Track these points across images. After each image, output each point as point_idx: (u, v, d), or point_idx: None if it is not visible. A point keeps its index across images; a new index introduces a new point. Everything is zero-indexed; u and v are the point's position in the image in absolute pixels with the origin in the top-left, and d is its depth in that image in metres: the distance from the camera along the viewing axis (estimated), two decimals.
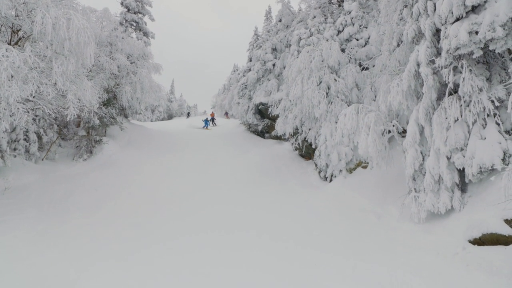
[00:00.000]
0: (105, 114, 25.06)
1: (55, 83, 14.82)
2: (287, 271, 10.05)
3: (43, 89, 14.41)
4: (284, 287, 9.10)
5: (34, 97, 15.09)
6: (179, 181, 20.44)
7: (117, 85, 28.62)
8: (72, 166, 21.95)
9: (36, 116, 20.86)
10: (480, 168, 12.15)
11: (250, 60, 37.98)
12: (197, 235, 12.96)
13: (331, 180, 21.17)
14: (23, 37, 15.64)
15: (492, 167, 11.87)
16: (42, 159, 21.28)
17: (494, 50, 11.85)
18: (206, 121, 44.98)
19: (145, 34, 37.13)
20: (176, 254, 11.21)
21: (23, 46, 14.67)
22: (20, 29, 15.45)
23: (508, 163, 11.27)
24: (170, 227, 13.92)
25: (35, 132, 21.04)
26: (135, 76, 29.21)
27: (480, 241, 11.05)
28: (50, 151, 22.05)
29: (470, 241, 11.31)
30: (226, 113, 58.03)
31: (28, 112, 15.10)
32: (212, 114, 52.73)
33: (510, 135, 12.59)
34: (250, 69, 36.80)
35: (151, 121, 60.00)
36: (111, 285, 9.11)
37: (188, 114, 56.29)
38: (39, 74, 14.38)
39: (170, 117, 72.32)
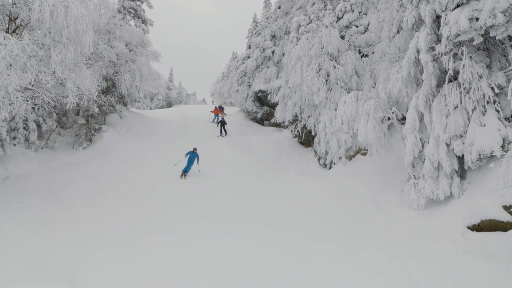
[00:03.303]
0: (104, 102, 25.02)
1: (54, 72, 14.76)
2: (288, 259, 10.13)
3: (42, 78, 14.35)
4: (285, 275, 9.17)
5: (33, 85, 15.02)
6: (179, 168, 20.46)
7: (116, 73, 28.55)
8: (72, 155, 21.97)
9: (35, 104, 20.80)
10: (480, 155, 12.18)
11: (249, 47, 37.78)
12: (198, 225, 13.02)
13: (330, 167, 21.22)
14: (20, 25, 15.54)
15: (491, 153, 11.90)
16: (42, 148, 21.28)
17: (495, 37, 11.81)
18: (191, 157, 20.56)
19: (144, 21, 36.86)
20: (176, 243, 11.27)
21: (21, 34, 14.59)
22: (17, 17, 15.34)
23: (507, 150, 11.31)
24: (170, 217, 13.98)
25: (34, 121, 21.01)
26: (134, 64, 29.13)
27: (479, 228, 11.13)
28: (49, 140, 22.05)
29: (469, 228, 11.40)
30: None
31: (27, 100, 15.06)
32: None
33: (509, 122, 12.61)
34: (249, 57, 36.62)
35: (150, 109, 59.85)
36: (112, 272, 9.17)
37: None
38: (38, 63, 14.32)
39: (169, 105, 72.07)
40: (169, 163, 21.14)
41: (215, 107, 40.19)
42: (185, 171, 19.84)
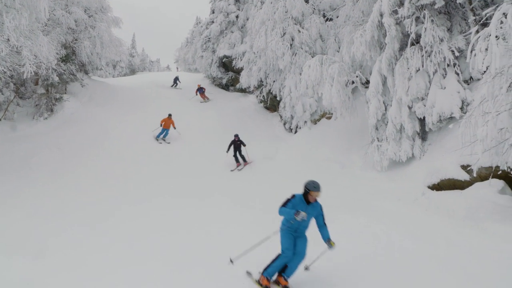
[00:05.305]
0: (64, 70, 24.14)
1: (8, 39, 14.06)
2: (250, 227, 10.23)
3: None
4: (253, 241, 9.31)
5: None
6: (145, 138, 20.23)
7: (76, 40, 27.51)
8: (32, 125, 21.28)
9: None
10: (440, 116, 12.56)
11: (213, 12, 37.02)
12: (168, 198, 12.91)
13: (296, 132, 21.43)
14: None
15: (451, 115, 12.28)
16: (0, 120, 20.55)
17: (456, 1, 11.99)
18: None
19: None
20: (144, 215, 11.23)
21: None
22: None
23: (466, 112, 11.66)
24: (139, 188, 13.89)
25: None
26: (94, 30, 28.09)
27: (439, 187, 11.58)
28: (8, 111, 21.24)
29: (429, 187, 11.84)
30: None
31: None
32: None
33: (468, 84, 12.98)
34: (213, 22, 35.94)
35: (113, 77, 58.30)
36: (82, 245, 9.06)
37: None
38: None
39: (132, 72, 70.49)
40: (135, 132, 20.85)
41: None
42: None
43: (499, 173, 9.62)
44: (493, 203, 9.61)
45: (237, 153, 17.78)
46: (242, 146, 17.87)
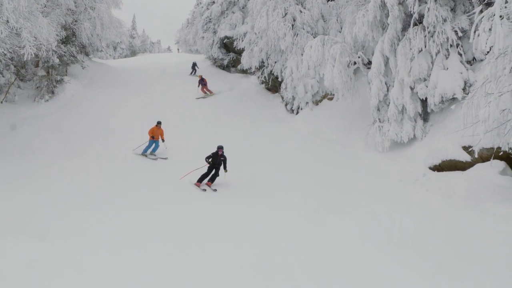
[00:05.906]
0: (65, 52, 23.99)
1: (7, 21, 14.00)
2: (252, 215, 10.26)
3: None
4: (257, 224, 9.39)
5: None
6: (147, 121, 20.19)
7: (75, 21, 27.26)
8: (34, 108, 21.24)
9: None
10: (442, 97, 12.53)
11: None
12: (167, 186, 12.81)
13: (297, 113, 21.40)
14: None
15: (453, 96, 12.25)
16: (1, 102, 20.49)
17: None
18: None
19: None
20: (147, 201, 11.27)
21: None
22: None
23: (468, 92, 11.63)
24: (140, 173, 13.87)
25: None
26: (93, 11, 27.82)
27: (440, 168, 11.61)
28: (9, 93, 21.18)
29: (430, 168, 11.89)
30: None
31: None
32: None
33: (471, 65, 12.92)
34: (213, 2, 35.58)
35: (114, 59, 57.95)
36: (84, 227, 9.11)
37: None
38: None
39: (133, 54, 70.03)
40: (136, 115, 20.78)
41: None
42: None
43: (500, 154, 9.65)
44: (494, 184, 9.66)
45: (214, 170, 12.43)
46: (223, 165, 12.40)
